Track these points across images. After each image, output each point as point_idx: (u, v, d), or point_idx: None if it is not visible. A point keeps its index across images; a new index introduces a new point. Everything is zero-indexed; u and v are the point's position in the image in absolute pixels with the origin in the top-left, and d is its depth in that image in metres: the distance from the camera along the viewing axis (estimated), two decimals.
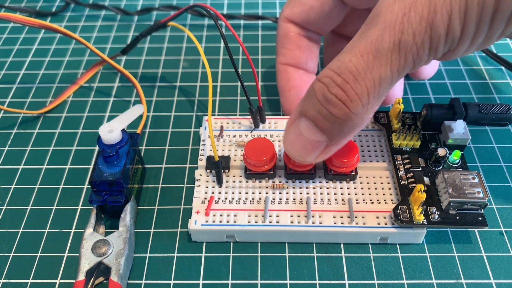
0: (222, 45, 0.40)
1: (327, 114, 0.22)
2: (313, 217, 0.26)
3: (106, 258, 0.25)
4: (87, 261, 0.24)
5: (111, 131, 0.26)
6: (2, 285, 0.25)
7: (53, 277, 0.26)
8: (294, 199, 0.27)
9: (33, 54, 0.40)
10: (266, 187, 0.28)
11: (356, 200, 0.27)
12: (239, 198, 0.27)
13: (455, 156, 0.27)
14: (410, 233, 0.25)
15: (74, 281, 0.24)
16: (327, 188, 0.27)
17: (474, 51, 0.22)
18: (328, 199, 0.27)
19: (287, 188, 0.27)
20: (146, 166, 0.31)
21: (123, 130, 0.27)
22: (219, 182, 0.28)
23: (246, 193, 0.27)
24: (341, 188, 0.27)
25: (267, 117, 0.31)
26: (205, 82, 0.37)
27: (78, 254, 0.25)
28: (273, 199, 0.27)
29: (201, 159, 0.29)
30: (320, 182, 0.28)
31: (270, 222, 0.26)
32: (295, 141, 0.24)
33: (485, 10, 0.19)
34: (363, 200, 0.27)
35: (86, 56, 0.40)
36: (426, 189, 0.26)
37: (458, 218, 0.25)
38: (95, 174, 0.26)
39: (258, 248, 0.27)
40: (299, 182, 0.28)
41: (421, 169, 0.27)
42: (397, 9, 0.20)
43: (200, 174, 0.28)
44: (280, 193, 0.27)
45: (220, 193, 0.27)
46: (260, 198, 0.27)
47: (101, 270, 0.25)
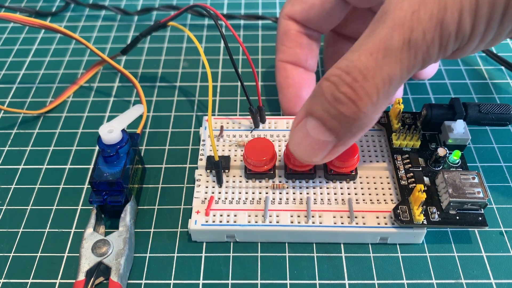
0: (222, 45, 0.40)
1: (336, 113, 0.21)
2: (313, 217, 0.26)
3: (106, 258, 0.25)
4: (87, 261, 0.24)
5: (111, 131, 0.26)
6: (2, 285, 0.25)
7: (53, 277, 0.26)
8: (294, 199, 0.27)
9: (33, 54, 0.40)
10: (266, 187, 0.28)
11: (356, 200, 0.27)
12: (239, 198, 0.27)
13: (455, 156, 0.27)
14: (410, 233, 0.25)
15: (74, 281, 0.24)
16: (327, 188, 0.27)
17: (483, 49, 0.21)
18: (328, 199, 0.27)
19: (287, 188, 0.27)
20: (146, 166, 0.31)
21: (123, 130, 0.27)
22: (219, 182, 0.28)
23: (246, 193, 0.27)
24: (341, 188, 0.27)
25: (267, 117, 0.31)
26: (205, 82, 0.37)
27: (78, 254, 0.25)
28: (273, 199, 0.27)
29: (201, 159, 0.29)
30: (320, 182, 0.28)
31: (270, 222, 0.26)
32: (302, 141, 0.23)
33: (495, 7, 0.18)
34: (363, 200, 0.27)
35: (86, 56, 0.40)
36: (426, 189, 0.26)
37: (458, 218, 0.25)
38: (95, 174, 0.26)
39: (258, 248, 0.27)
40: (299, 182, 0.28)
41: (421, 169, 0.27)
42: (406, 6, 0.20)
43: (200, 174, 0.28)
44: (280, 193, 0.27)
45: (220, 193, 0.27)
46: (260, 198, 0.27)
47: (101, 270, 0.25)
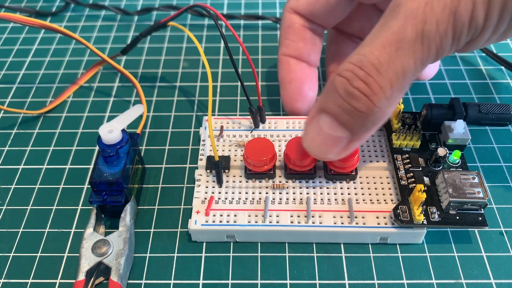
0: (222, 45, 0.40)
1: (350, 108, 0.21)
2: (313, 217, 0.26)
3: (106, 258, 0.25)
4: (87, 261, 0.24)
5: (111, 131, 0.26)
6: (2, 285, 0.25)
7: (53, 277, 0.26)
8: (294, 199, 0.27)
9: (33, 54, 0.40)
10: (266, 187, 0.28)
11: (356, 200, 0.27)
12: (239, 198, 0.27)
13: (455, 156, 0.27)
14: (410, 233, 0.25)
15: (74, 281, 0.24)
16: (327, 188, 0.27)
17: (494, 42, 0.21)
18: (328, 199, 0.27)
19: (287, 188, 0.27)
20: (146, 166, 0.31)
21: (123, 130, 0.27)
22: (219, 182, 0.28)
23: (246, 193, 0.27)
24: (341, 188, 0.27)
25: (267, 117, 0.31)
26: (205, 82, 0.37)
27: (78, 254, 0.25)
28: (273, 199, 0.27)
29: (201, 159, 0.29)
30: (320, 182, 0.28)
31: (270, 222, 0.26)
32: (316, 138, 0.23)
33: None
34: (363, 200, 0.27)
35: (86, 56, 0.40)
36: (426, 189, 0.26)
37: (458, 218, 0.25)
38: (95, 174, 0.26)
39: (258, 248, 0.27)
40: (299, 182, 0.28)
41: (421, 169, 0.27)
42: None
43: (200, 174, 0.28)
44: (280, 193, 0.27)
45: (220, 193, 0.27)
46: (260, 198, 0.27)
47: (101, 270, 0.25)
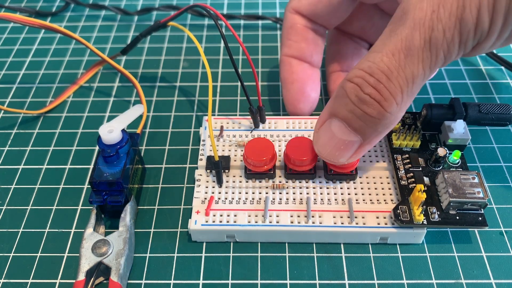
0: (222, 45, 0.40)
1: (361, 113, 0.22)
2: (313, 217, 0.26)
3: (106, 258, 0.25)
4: (87, 261, 0.24)
5: (111, 131, 0.26)
6: (2, 285, 0.25)
7: (53, 277, 0.26)
8: (294, 199, 0.27)
9: (33, 54, 0.40)
10: (266, 187, 0.28)
11: (356, 200, 0.27)
12: (239, 198, 0.27)
13: (455, 156, 0.27)
14: (410, 233, 0.25)
15: (74, 281, 0.24)
16: (327, 188, 0.27)
17: (499, 47, 0.22)
18: (328, 199, 0.27)
19: (287, 188, 0.27)
20: (146, 166, 0.31)
21: (123, 130, 0.27)
22: (219, 182, 0.28)
23: (246, 193, 0.27)
24: (341, 188, 0.27)
25: (267, 117, 0.31)
26: (205, 82, 0.37)
27: (78, 254, 0.25)
28: (273, 199, 0.27)
29: (201, 159, 0.29)
30: (320, 182, 0.28)
31: (270, 222, 0.26)
32: (328, 142, 0.24)
33: None
34: (363, 200, 0.27)
35: (86, 56, 0.40)
36: (426, 189, 0.26)
37: (458, 218, 0.25)
38: (95, 174, 0.26)
39: (258, 248, 0.27)
40: (299, 182, 0.28)
41: (421, 169, 0.27)
42: (425, 6, 0.20)
43: (200, 174, 0.28)
44: (280, 193, 0.27)
45: (220, 193, 0.27)
46: (260, 198, 0.27)
47: (101, 270, 0.25)
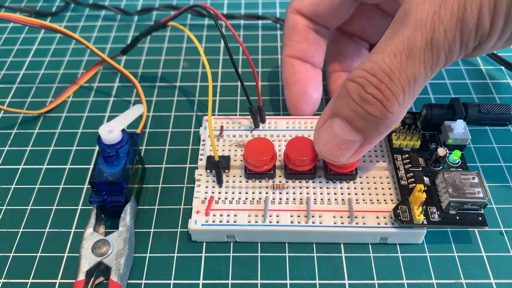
0: (222, 45, 0.40)
1: (364, 113, 0.22)
2: (313, 217, 0.26)
3: (106, 258, 0.25)
4: (87, 261, 0.24)
5: (111, 131, 0.26)
6: (2, 285, 0.25)
7: (53, 277, 0.26)
8: (294, 199, 0.27)
9: (33, 54, 0.40)
10: (266, 187, 0.28)
11: (356, 200, 0.27)
12: (239, 198, 0.27)
13: (455, 156, 0.27)
14: (410, 233, 0.25)
15: (74, 281, 0.24)
16: (327, 188, 0.27)
17: (500, 48, 0.22)
18: (328, 199, 0.27)
19: (287, 188, 0.27)
20: (146, 166, 0.31)
21: (123, 130, 0.27)
22: (219, 182, 0.28)
23: (246, 193, 0.27)
24: (341, 188, 0.27)
25: (267, 117, 0.31)
26: (205, 82, 0.37)
27: (78, 254, 0.25)
28: (273, 199, 0.27)
29: (201, 159, 0.29)
30: (320, 182, 0.28)
31: (270, 222, 0.26)
32: (329, 141, 0.24)
33: None
34: (363, 200, 0.27)
35: (86, 56, 0.40)
36: (426, 189, 0.26)
37: (458, 218, 0.25)
38: (95, 174, 0.26)
39: (258, 248, 0.27)
40: (299, 182, 0.28)
41: (421, 169, 0.27)
42: (427, 7, 0.20)
43: (200, 174, 0.28)
44: (280, 193, 0.27)
45: (220, 193, 0.27)
46: (260, 198, 0.27)
47: (101, 270, 0.25)
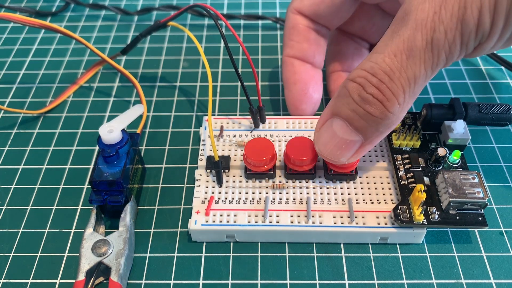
0: (222, 45, 0.40)
1: (364, 113, 0.22)
2: (313, 217, 0.26)
3: (106, 258, 0.25)
4: (87, 261, 0.24)
5: (111, 131, 0.26)
6: (2, 285, 0.25)
7: (53, 277, 0.26)
8: (294, 199, 0.27)
9: (33, 54, 0.40)
10: (266, 187, 0.28)
11: (356, 200, 0.27)
12: (239, 198, 0.27)
13: (455, 156, 0.27)
14: (410, 233, 0.25)
15: (74, 281, 0.24)
16: (327, 188, 0.27)
17: (500, 48, 0.22)
18: (328, 199, 0.27)
19: (287, 188, 0.27)
20: (146, 166, 0.31)
21: (123, 130, 0.27)
22: (219, 182, 0.28)
23: (246, 193, 0.27)
24: (341, 188, 0.27)
25: (267, 117, 0.31)
26: (205, 82, 0.37)
27: (78, 254, 0.25)
28: (273, 199, 0.27)
29: (201, 159, 0.29)
30: (320, 182, 0.28)
31: (270, 222, 0.26)
32: (329, 141, 0.24)
33: None
34: (363, 200, 0.27)
35: (86, 56, 0.40)
36: (426, 189, 0.26)
37: (458, 218, 0.25)
38: (95, 174, 0.26)
39: (258, 248, 0.27)
40: (299, 182, 0.28)
41: (421, 169, 0.27)
42: (427, 7, 0.20)
43: (200, 174, 0.28)
44: (280, 193, 0.27)
45: (220, 193, 0.27)
46: (260, 198, 0.27)
47: (101, 270, 0.25)
